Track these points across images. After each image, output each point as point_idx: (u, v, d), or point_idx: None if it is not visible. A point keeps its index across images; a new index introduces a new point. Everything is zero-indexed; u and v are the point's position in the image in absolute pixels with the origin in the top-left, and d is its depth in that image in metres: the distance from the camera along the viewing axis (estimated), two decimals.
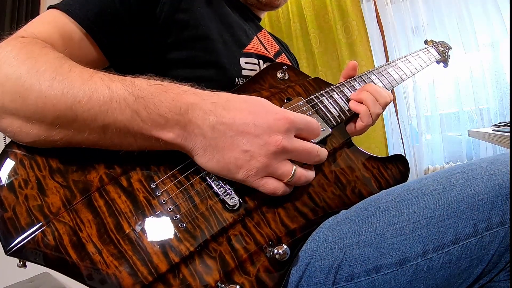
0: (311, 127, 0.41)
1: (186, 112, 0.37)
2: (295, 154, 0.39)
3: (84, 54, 0.47)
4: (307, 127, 0.41)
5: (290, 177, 0.39)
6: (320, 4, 1.94)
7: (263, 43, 0.67)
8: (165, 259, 0.35)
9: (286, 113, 0.39)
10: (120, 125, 0.36)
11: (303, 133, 0.41)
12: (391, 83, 0.68)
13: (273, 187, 0.39)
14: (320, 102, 0.55)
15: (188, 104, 0.37)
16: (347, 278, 0.40)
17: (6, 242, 0.34)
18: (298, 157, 0.40)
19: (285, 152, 0.38)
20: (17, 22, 1.68)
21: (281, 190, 0.39)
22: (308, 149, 0.40)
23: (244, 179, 0.38)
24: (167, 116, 0.36)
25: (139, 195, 0.38)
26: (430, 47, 0.89)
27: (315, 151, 0.41)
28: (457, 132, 1.85)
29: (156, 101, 0.36)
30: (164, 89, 0.37)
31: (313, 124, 0.42)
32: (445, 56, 0.91)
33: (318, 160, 0.42)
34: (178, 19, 0.52)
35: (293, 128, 0.39)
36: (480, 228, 0.38)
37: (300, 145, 0.40)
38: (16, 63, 0.36)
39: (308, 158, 0.41)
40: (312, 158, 0.41)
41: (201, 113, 0.37)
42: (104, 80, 0.36)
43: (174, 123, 0.36)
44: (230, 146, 0.37)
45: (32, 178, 0.37)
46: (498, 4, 1.70)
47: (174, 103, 0.37)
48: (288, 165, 0.39)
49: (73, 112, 0.35)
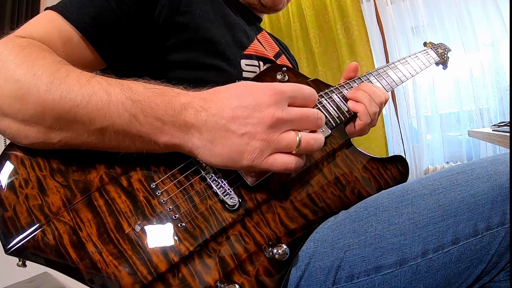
0: (304, 92, 0.39)
1: (180, 113, 0.37)
2: (294, 123, 0.38)
3: (82, 56, 0.47)
4: (299, 94, 0.39)
5: (297, 146, 0.37)
6: (320, 4, 1.94)
7: (263, 45, 0.67)
8: (165, 259, 0.35)
9: (272, 85, 0.38)
10: (118, 129, 0.36)
11: (298, 101, 0.39)
12: (390, 84, 0.68)
13: (283, 162, 0.37)
14: (319, 103, 0.55)
15: (181, 105, 0.37)
16: (347, 278, 0.40)
17: (6, 241, 0.34)
18: (298, 125, 0.38)
19: (282, 122, 0.37)
20: (17, 21, 1.68)
21: (293, 163, 0.37)
22: (306, 113, 0.38)
23: (251, 164, 0.36)
24: (163, 118, 0.36)
25: (139, 195, 0.38)
26: (429, 49, 0.89)
27: (314, 113, 0.39)
28: (457, 132, 1.85)
29: (153, 105, 0.36)
30: (160, 92, 0.38)
31: (305, 90, 0.39)
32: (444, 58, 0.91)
33: (320, 123, 0.40)
34: (177, 21, 0.52)
35: (283, 98, 0.37)
36: (480, 228, 0.38)
37: (297, 112, 0.38)
38: (13, 67, 0.36)
39: (309, 122, 0.39)
40: (313, 121, 0.39)
41: (193, 111, 0.37)
42: (102, 84, 0.36)
43: (170, 125, 0.37)
44: (226, 135, 0.36)
45: (33, 178, 0.37)
46: (498, 4, 1.70)
47: (169, 106, 0.37)
48: (291, 134, 0.37)
49: (72, 116, 0.35)
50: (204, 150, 0.37)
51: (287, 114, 0.37)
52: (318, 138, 0.39)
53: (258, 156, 0.36)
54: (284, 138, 0.37)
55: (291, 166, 0.37)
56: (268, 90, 0.37)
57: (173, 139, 0.37)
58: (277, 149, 0.37)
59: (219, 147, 0.37)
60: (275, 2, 0.71)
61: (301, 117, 0.38)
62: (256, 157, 0.36)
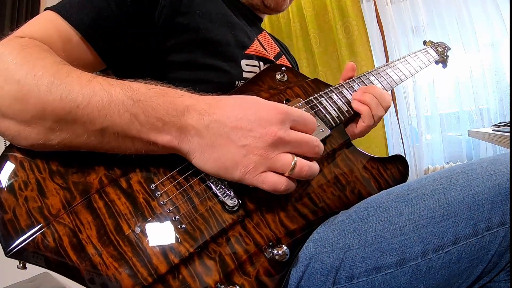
0: (306, 120, 0.40)
1: (182, 114, 0.37)
2: (293, 145, 0.38)
3: (82, 57, 0.47)
4: (302, 120, 0.40)
5: (291, 169, 0.37)
6: (320, 4, 1.94)
7: (263, 45, 0.66)
8: (165, 260, 0.35)
9: (280, 105, 0.39)
10: (118, 129, 0.36)
11: (299, 126, 0.40)
12: (390, 83, 0.68)
13: (273, 182, 0.37)
14: (319, 103, 0.55)
15: (184, 107, 0.37)
16: (347, 279, 0.40)
17: (6, 243, 0.34)
18: (297, 149, 0.39)
19: (282, 143, 0.37)
20: (17, 22, 1.68)
21: (283, 184, 0.37)
22: (306, 139, 0.39)
23: (243, 177, 0.37)
24: (164, 119, 0.36)
25: (138, 196, 0.38)
26: (429, 48, 0.89)
27: (313, 141, 0.40)
28: (457, 132, 1.85)
29: (154, 105, 0.36)
30: (162, 93, 0.38)
31: (307, 117, 0.41)
32: (444, 57, 0.91)
33: (318, 151, 0.40)
34: (177, 22, 0.51)
35: (288, 120, 0.38)
36: (480, 228, 0.38)
37: (298, 136, 0.38)
38: (14, 67, 0.36)
39: (307, 148, 0.39)
40: (312, 148, 0.40)
41: (196, 114, 0.37)
42: (103, 84, 0.36)
43: (171, 125, 0.37)
44: (225, 143, 0.36)
45: (32, 180, 0.37)
46: (498, 4, 1.70)
47: (171, 107, 0.37)
48: (288, 156, 0.37)
49: (72, 117, 0.35)
50: (200, 155, 0.37)
51: (289, 136, 0.37)
52: (312, 167, 0.39)
53: (252, 171, 0.36)
54: (280, 159, 0.37)
55: (281, 187, 0.37)
56: (275, 109, 0.38)
57: (172, 140, 0.37)
58: (271, 168, 0.37)
59: (215, 154, 0.37)
60: (279, 4, 0.70)
61: (301, 142, 0.39)
62: (249, 171, 0.36)
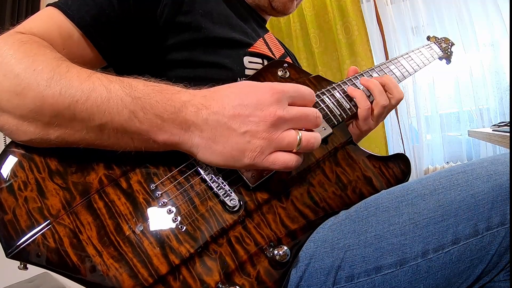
0: (303, 92, 0.40)
1: (180, 110, 0.37)
2: (295, 121, 0.38)
3: (82, 54, 0.47)
4: (298, 94, 0.39)
5: (298, 144, 0.37)
6: (320, 4, 1.94)
7: (268, 45, 0.66)
8: (166, 261, 0.35)
9: (273, 84, 0.38)
10: (117, 125, 0.36)
11: (297, 101, 0.39)
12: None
13: (284, 160, 0.37)
14: (321, 100, 0.55)
15: (181, 103, 0.37)
16: (347, 279, 0.40)
17: (7, 244, 0.34)
18: (298, 124, 0.39)
19: (283, 121, 0.37)
20: (17, 19, 1.68)
21: (294, 161, 0.38)
22: (306, 111, 0.39)
23: (253, 163, 0.37)
24: (163, 116, 0.36)
25: (138, 196, 0.38)
26: (433, 44, 0.87)
27: (313, 112, 0.40)
28: (457, 132, 1.85)
29: (153, 102, 0.36)
30: (160, 90, 0.38)
31: (304, 90, 0.40)
32: (447, 53, 0.89)
33: (319, 122, 0.41)
34: (179, 21, 0.51)
35: (284, 97, 0.38)
36: (480, 228, 0.38)
37: (297, 111, 0.38)
38: (13, 62, 0.36)
39: (308, 121, 0.39)
40: (313, 120, 0.40)
41: (194, 109, 0.37)
42: (102, 80, 0.36)
43: (170, 122, 0.36)
44: (227, 133, 0.36)
45: (32, 180, 0.37)
46: (498, 4, 1.70)
47: (169, 103, 0.37)
48: (292, 132, 0.38)
49: (71, 112, 0.35)
50: (204, 149, 0.37)
51: (288, 113, 0.37)
52: (317, 137, 0.40)
53: (259, 155, 0.36)
54: (285, 136, 0.37)
55: (292, 164, 0.38)
56: (269, 89, 0.38)
57: (172, 137, 0.37)
58: (278, 147, 0.37)
59: (220, 146, 0.36)
60: (286, 6, 0.70)
61: (301, 116, 0.39)
62: (257, 155, 0.36)
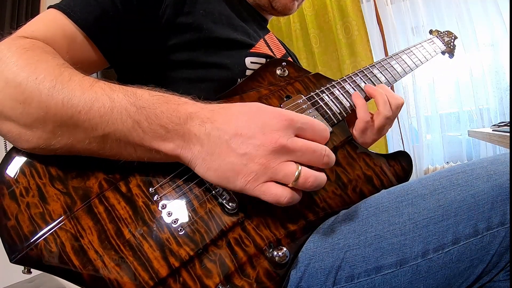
0: (314, 125, 0.37)
1: (185, 122, 0.36)
2: (298, 154, 0.35)
3: (86, 56, 0.47)
4: (309, 126, 0.37)
5: (295, 179, 0.34)
6: (320, 4, 1.94)
7: (269, 46, 0.66)
8: (166, 264, 0.35)
9: (283, 111, 0.37)
10: (120, 135, 0.36)
11: (307, 133, 0.37)
12: (394, 76, 0.66)
13: (275, 193, 0.35)
14: (320, 99, 0.54)
15: (187, 114, 0.36)
16: (347, 279, 0.40)
17: (10, 250, 0.34)
18: (301, 157, 0.36)
19: (285, 151, 0.35)
20: (17, 21, 1.68)
21: (287, 196, 0.35)
22: (313, 146, 0.36)
23: (244, 187, 0.35)
24: (167, 127, 0.36)
25: (138, 200, 0.38)
26: (435, 38, 0.85)
27: (322, 150, 0.36)
28: (457, 132, 1.85)
29: (158, 112, 0.36)
30: (166, 100, 0.37)
31: (316, 124, 0.37)
32: (450, 47, 0.87)
33: (327, 161, 0.37)
34: (180, 22, 0.51)
35: (291, 126, 0.36)
36: (480, 228, 0.38)
37: (303, 144, 0.36)
38: (16, 69, 0.35)
39: (313, 158, 0.36)
40: (319, 158, 0.36)
41: (199, 121, 0.36)
42: (105, 89, 0.36)
43: (174, 133, 0.36)
44: (226, 152, 0.35)
45: (33, 186, 0.37)
46: (498, 4, 1.70)
47: (174, 114, 0.36)
48: (291, 165, 0.35)
49: (74, 122, 0.35)
50: (202, 163, 0.36)
51: (292, 143, 0.35)
52: (319, 177, 0.36)
53: (253, 181, 0.35)
54: (283, 168, 0.35)
55: (283, 200, 0.35)
56: (278, 114, 0.36)
57: (176, 148, 0.37)
58: (273, 178, 0.35)
59: (216, 163, 0.35)
60: (287, 7, 0.70)
61: (307, 150, 0.36)
62: (250, 180, 0.35)
